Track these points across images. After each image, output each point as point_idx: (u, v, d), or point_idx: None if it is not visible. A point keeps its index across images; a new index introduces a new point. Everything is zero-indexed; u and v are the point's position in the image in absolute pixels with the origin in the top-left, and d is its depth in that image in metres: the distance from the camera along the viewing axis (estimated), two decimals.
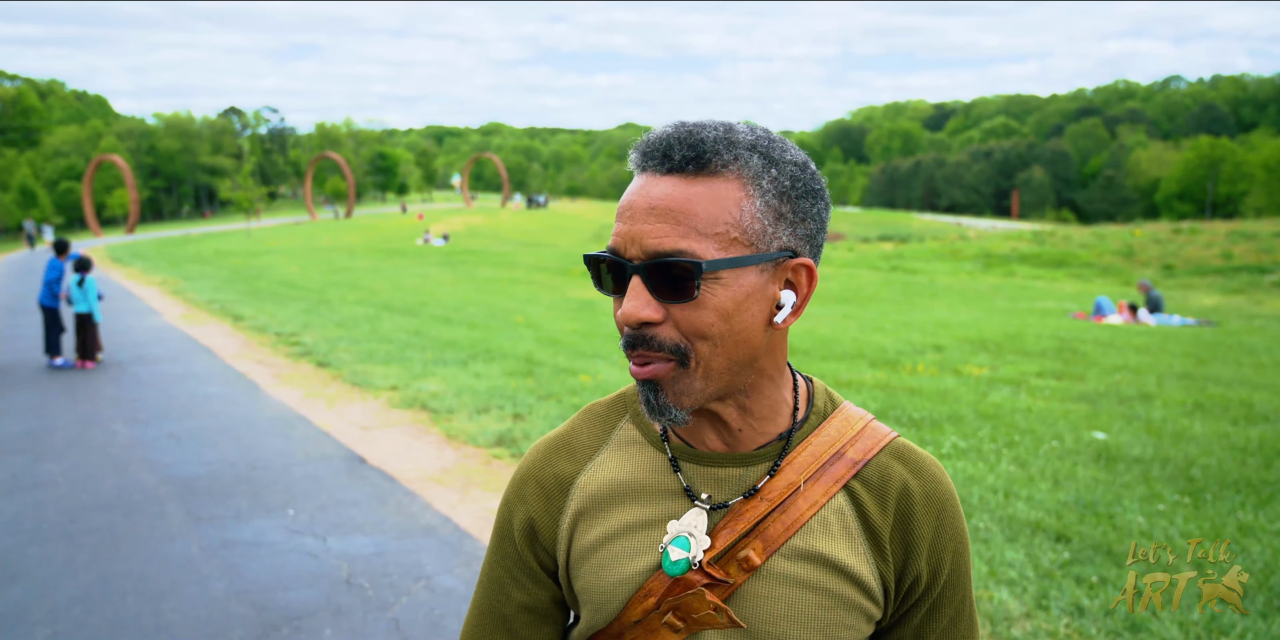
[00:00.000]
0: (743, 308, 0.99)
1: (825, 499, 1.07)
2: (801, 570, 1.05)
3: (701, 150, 0.97)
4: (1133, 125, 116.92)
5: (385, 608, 4.35)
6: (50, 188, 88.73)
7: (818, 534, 1.06)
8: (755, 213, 0.97)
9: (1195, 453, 6.43)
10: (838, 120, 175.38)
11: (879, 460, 1.10)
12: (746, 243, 0.97)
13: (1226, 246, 29.35)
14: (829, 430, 1.11)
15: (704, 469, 1.09)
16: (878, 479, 1.09)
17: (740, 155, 0.98)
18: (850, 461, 1.09)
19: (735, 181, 0.97)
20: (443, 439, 7.37)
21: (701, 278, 0.96)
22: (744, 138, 1.00)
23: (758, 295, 0.99)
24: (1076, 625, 3.83)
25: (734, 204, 0.97)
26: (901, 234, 50.14)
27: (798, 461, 1.08)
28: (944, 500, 1.10)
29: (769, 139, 1.01)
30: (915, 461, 1.12)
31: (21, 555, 5.08)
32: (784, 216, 0.99)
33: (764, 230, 0.98)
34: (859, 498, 1.08)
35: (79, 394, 9.65)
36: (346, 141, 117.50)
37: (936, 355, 11.07)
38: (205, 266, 28.30)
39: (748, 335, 1.00)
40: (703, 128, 1.00)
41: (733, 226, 0.97)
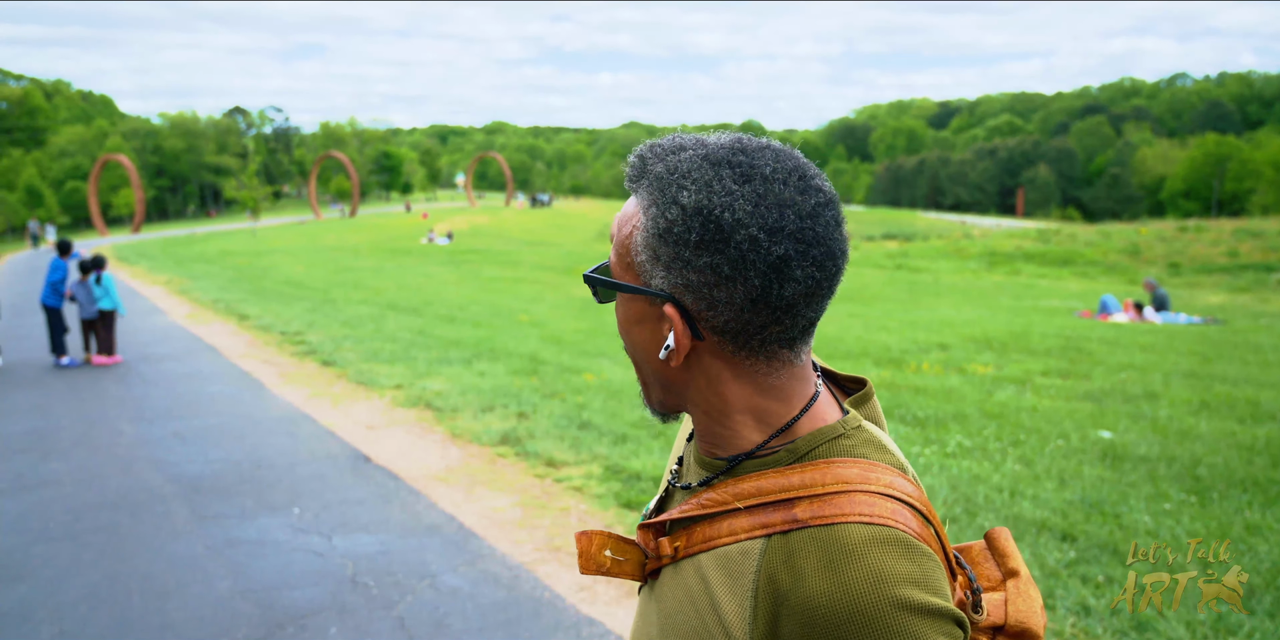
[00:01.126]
0: (633, 330, 1.02)
1: (744, 536, 0.97)
2: (696, 586, 1.00)
3: (629, 170, 1.01)
4: (1138, 123, 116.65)
5: (390, 606, 4.35)
6: (56, 187, 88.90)
7: (720, 564, 0.99)
8: (638, 245, 0.98)
9: (1201, 451, 6.41)
10: (842, 118, 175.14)
11: (816, 533, 0.91)
12: (636, 271, 0.99)
13: (1233, 244, 29.29)
14: (792, 476, 0.97)
15: (692, 453, 1.12)
16: (799, 547, 0.92)
17: (644, 185, 0.98)
18: (791, 517, 0.94)
19: (637, 208, 0.99)
20: (447, 438, 7.38)
21: (599, 287, 1.04)
22: (656, 168, 0.97)
23: (648, 325, 1.00)
24: (1082, 625, 3.82)
25: (631, 231, 0.99)
26: (906, 232, 50.07)
27: (740, 488, 1.00)
28: (853, 611, 0.86)
29: (677, 173, 0.95)
30: (844, 551, 0.89)
31: (27, 554, 5.09)
32: (659, 258, 0.96)
33: (642, 265, 0.98)
34: (772, 554, 0.93)
35: (84, 393, 9.67)
36: (351, 141, 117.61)
37: (941, 354, 11.05)
38: (210, 266, 28.34)
39: (646, 358, 1.03)
40: (652, 147, 1.01)
41: (626, 252, 1.00)
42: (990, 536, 1.09)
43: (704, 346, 0.98)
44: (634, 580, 1.11)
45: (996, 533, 1.09)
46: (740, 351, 0.98)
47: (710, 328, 0.96)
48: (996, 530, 1.09)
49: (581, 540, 1.09)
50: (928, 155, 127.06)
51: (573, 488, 5.99)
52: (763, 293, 0.93)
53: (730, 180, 0.94)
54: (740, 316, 0.95)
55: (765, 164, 0.95)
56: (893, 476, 0.97)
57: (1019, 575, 1.07)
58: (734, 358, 0.98)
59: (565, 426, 7.37)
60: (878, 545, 0.89)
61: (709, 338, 0.97)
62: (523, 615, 4.23)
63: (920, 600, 0.86)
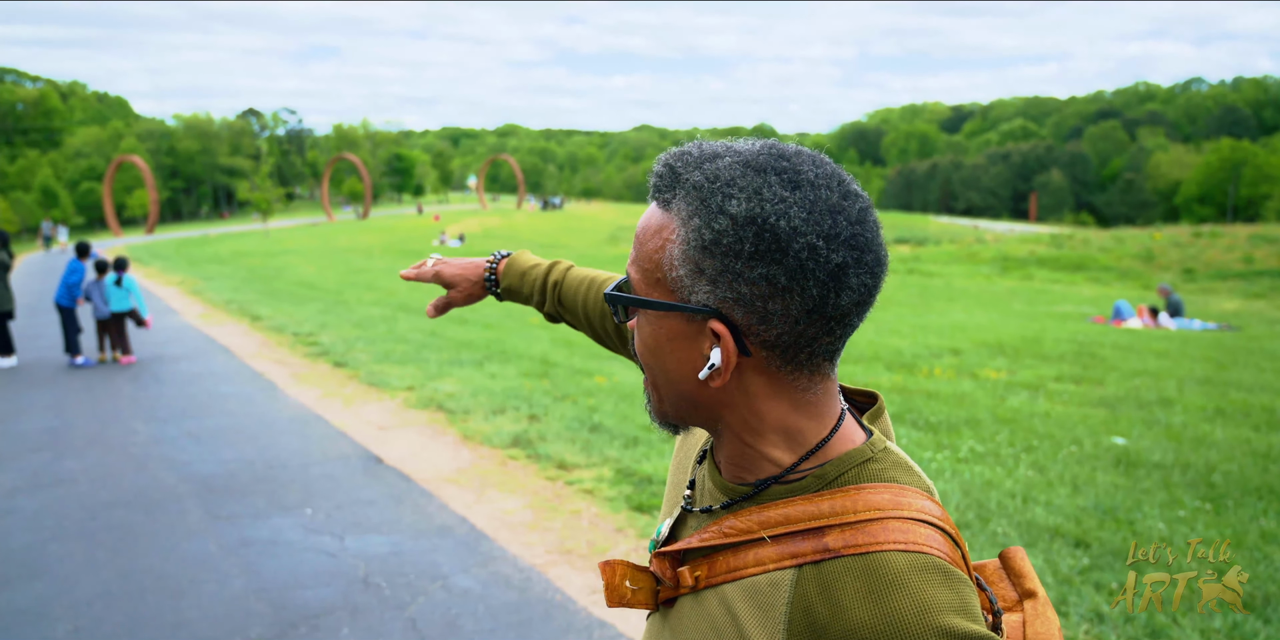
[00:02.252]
0: (664, 349, 0.95)
1: (773, 567, 0.94)
2: (721, 618, 0.97)
3: (655, 180, 0.96)
4: (1153, 128, 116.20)
5: (402, 607, 4.36)
6: (71, 188, 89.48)
7: (745, 596, 0.96)
8: (675, 259, 0.92)
9: (1216, 458, 6.38)
10: (854, 122, 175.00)
11: (852, 562, 0.89)
12: (669, 287, 0.93)
13: (1248, 250, 29.16)
14: (822, 503, 0.94)
15: (710, 475, 1.08)
16: (834, 577, 0.89)
17: (679, 194, 0.93)
18: (823, 547, 0.91)
19: (672, 221, 0.93)
20: (459, 439, 7.39)
21: (623, 308, 0.98)
22: (693, 177, 0.92)
23: (683, 343, 0.94)
24: (1096, 631, 3.80)
25: (662, 244, 0.93)
26: (918, 237, 49.95)
27: (766, 515, 0.97)
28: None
29: (720, 182, 0.91)
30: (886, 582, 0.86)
31: (42, 552, 5.12)
32: (704, 272, 0.90)
33: (680, 280, 0.92)
34: (804, 585, 0.91)
35: (99, 392, 9.72)
36: (363, 143, 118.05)
37: (954, 359, 11.03)
38: (223, 266, 28.46)
39: (675, 378, 0.96)
40: (681, 155, 0.95)
41: (656, 267, 0.94)
42: (1006, 556, 1.07)
43: (748, 363, 0.93)
44: (646, 608, 1.07)
45: (1012, 552, 1.06)
46: (787, 366, 0.94)
47: (760, 342, 0.92)
48: (1012, 550, 1.07)
49: (605, 571, 1.06)
50: (940, 159, 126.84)
51: (584, 490, 6.00)
52: (819, 303, 0.90)
53: (779, 186, 0.90)
54: (794, 329, 0.91)
55: (808, 169, 0.92)
56: (923, 501, 0.95)
57: (1036, 596, 1.04)
58: (779, 373, 0.94)
59: (576, 429, 7.38)
60: (918, 573, 0.87)
61: (757, 354, 0.93)
62: (534, 617, 4.23)
63: (964, 629, 0.85)
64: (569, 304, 1.55)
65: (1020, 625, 1.03)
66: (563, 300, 1.56)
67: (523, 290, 1.59)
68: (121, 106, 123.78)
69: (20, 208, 76.99)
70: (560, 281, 1.56)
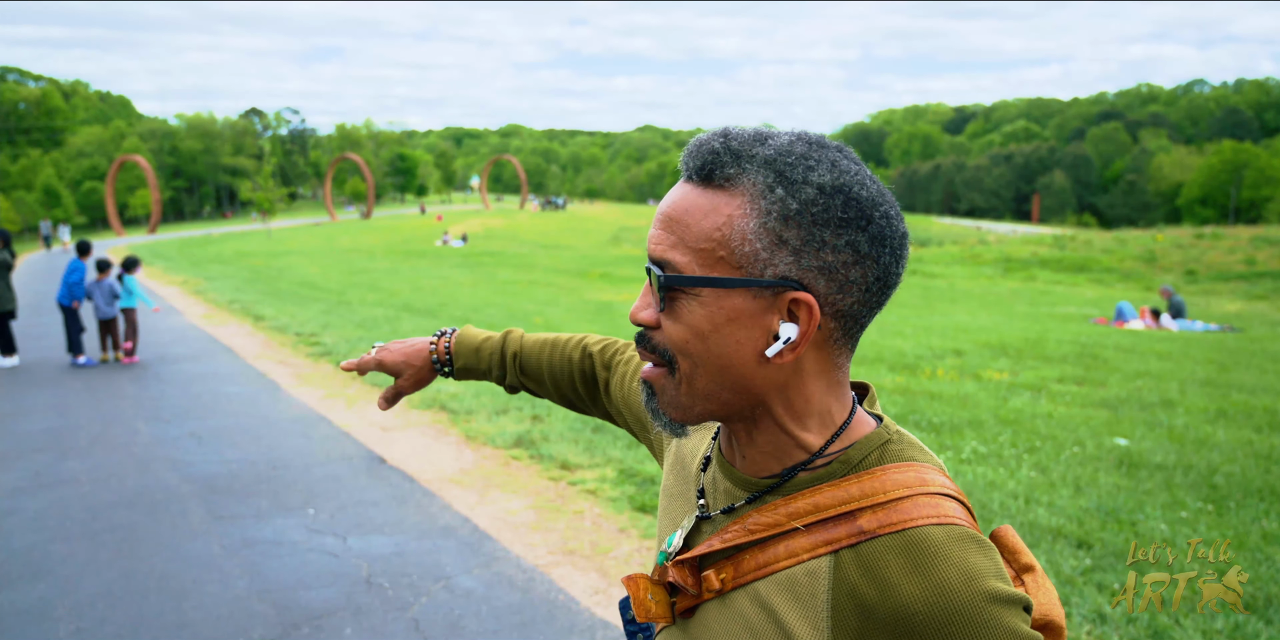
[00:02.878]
0: (722, 331, 0.93)
1: (807, 556, 0.95)
2: (756, 617, 0.97)
3: (706, 160, 0.94)
4: (1155, 129, 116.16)
5: (405, 608, 4.37)
6: (74, 188, 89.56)
7: (783, 589, 0.96)
8: (748, 234, 0.91)
9: (1218, 460, 6.38)
10: (857, 123, 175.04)
11: (890, 540, 0.91)
12: (735, 264, 0.92)
13: (1250, 252, 29.13)
14: (851, 487, 0.96)
15: (722, 477, 1.07)
16: (873, 557, 0.91)
17: (747, 170, 0.92)
18: (857, 529, 0.93)
19: (737, 197, 0.92)
20: (462, 440, 7.39)
21: (675, 291, 0.94)
22: (762, 152, 0.93)
23: (746, 322, 0.93)
24: (1099, 632, 3.80)
25: (726, 221, 0.92)
26: (921, 238, 49.96)
27: (795, 506, 0.97)
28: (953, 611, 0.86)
29: (794, 155, 0.92)
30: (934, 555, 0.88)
31: (45, 552, 5.12)
32: (786, 242, 0.91)
33: (755, 254, 0.91)
34: (842, 570, 0.92)
35: (101, 392, 9.73)
36: (366, 143, 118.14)
37: (956, 360, 11.02)
38: (226, 267, 28.48)
39: (730, 362, 0.94)
40: (727, 136, 0.95)
41: (720, 244, 0.92)
42: (996, 535, 1.08)
43: (818, 336, 0.95)
44: (664, 621, 1.06)
45: (1002, 531, 1.08)
46: (842, 340, 0.96)
47: (833, 313, 0.94)
48: (1002, 528, 1.08)
49: (630, 586, 1.06)
50: (943, 161, 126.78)
51: (587, 491, 6.00)
52: (885, 272, 0.94)
53: (849, 160, 0.94)
54: (864, 298, 0.94)
55: (850, 151, 0.97)
56: (942, 476, 0.98)
57: (1034, 570, 1.06)
58: (833, 348, 0.96)
59: (579, 429, 7.38)
60: (957, 543, 0.90)
61: (825, 325, 0.95)
62: (537, 618, 4.24)
63: (1007, 592, 0.88)
64: (532, 373, 1.53)
65: None
66: (525, 370, 1.53)
67: (479, 367, 1.55)
68: (124, 106, 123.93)
69: (23, 207, 77.05)
70: (519, 352, 1.53)
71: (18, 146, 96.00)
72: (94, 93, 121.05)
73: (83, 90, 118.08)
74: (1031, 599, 1.01)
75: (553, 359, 1.51)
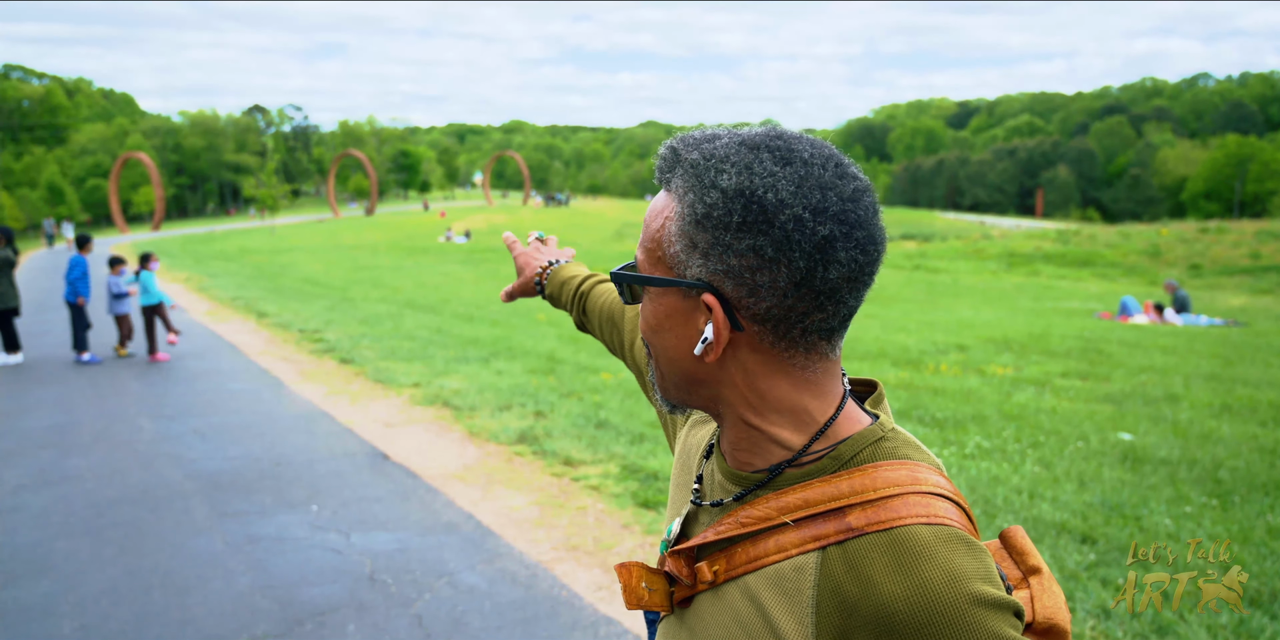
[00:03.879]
0: (664, 327, 0.99)
1: (795, 552, 0.95)
2: (745, 610, 0.98)
3: (660, 163, 0.99)
4: (1159, 123, 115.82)
5: (408, 604, 4.37)
6: (77, 185, 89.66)
7: (769, 583, 0.96)
8: (672, 236, 0.95)
9: (1223, 455, 6.37)
10: (860, 118, 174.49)
11: (877, 538, 0.90)
12: (668, 264, 0.96)
13: (1254, 246, 29.07)
14: (840, 484, 0.95)
15: (718, 469, 1.08)
16: (859, 555, 0.90)
17: (677, 173, 0.96)
18: (845, 526, 0.92)
19: (672, 201, 0.97)
20: (465, 436, 7.39)
21: (628, 284, 1.02)
22: (690, 155, 0.95)
23: (679, 319, 0.97)
24: (1103, 627, 3.80)
25: (663, 223, 0.97)
26: (925, 233, 49.89)
27: (785, 501, 0.97)
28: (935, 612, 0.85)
29: (714, 158, 0.94)
30: (914, 552, 0.88)
31: (49, 549, 5.13)
32: (696, 246, 0.93)
33: (676, 256, 0.95)
34: (829, 566, 0.92)
35: (105, 389, 9.74)
36: (369, 139, 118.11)
37: (960, 355, 11.01)
38: (229, 263, 28.51)
39: (674, 355, 0.99)
40: (682, 138, 0.99)
41: (658, 245, 0.97)
42: (1006, 535, 1.08)
43: (743, 338, 0.95)
44: (661, 610, 1.07)
45: (1012, 531, 1.07)
46: (780, 342, 0.95)
47: (751, 316, 0.93)
48: (1012, 529, 1.08)
49: (622, 573, 1.06)
50: (946, 155, 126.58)
51: (590, 487, 6.00)
52: (807, 275, 0.91)
53: (770, 162, 0.93)
54: (783, 302, 0.92)
55: (803, 149, 0.95)
56: (936, 476, 0.97)
57: (1041, 572, 1.05)
58: (773, 350, 0.95)
59: (582, 425, 7.38)
60: (944, 544, 0.89)
61: (749, 328, 0.94)
62: (540, 614, 4.24)
63: (993, 595, 0.86)
64: (590, 313, 1.63)
65: (1029, 600, 1.04)
66: (586, 310, 1.64)
67: (560, 298, 1.70)
68: (127, 103, 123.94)
69: (26, 204, 77.18)
70: (586, 293, 1.64)
71: (21, 144, 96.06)
72: (97, 90, 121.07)
73: (86, 88, 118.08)
74: (1025, 604, 1.01)
75: (604, 306, 1.59)
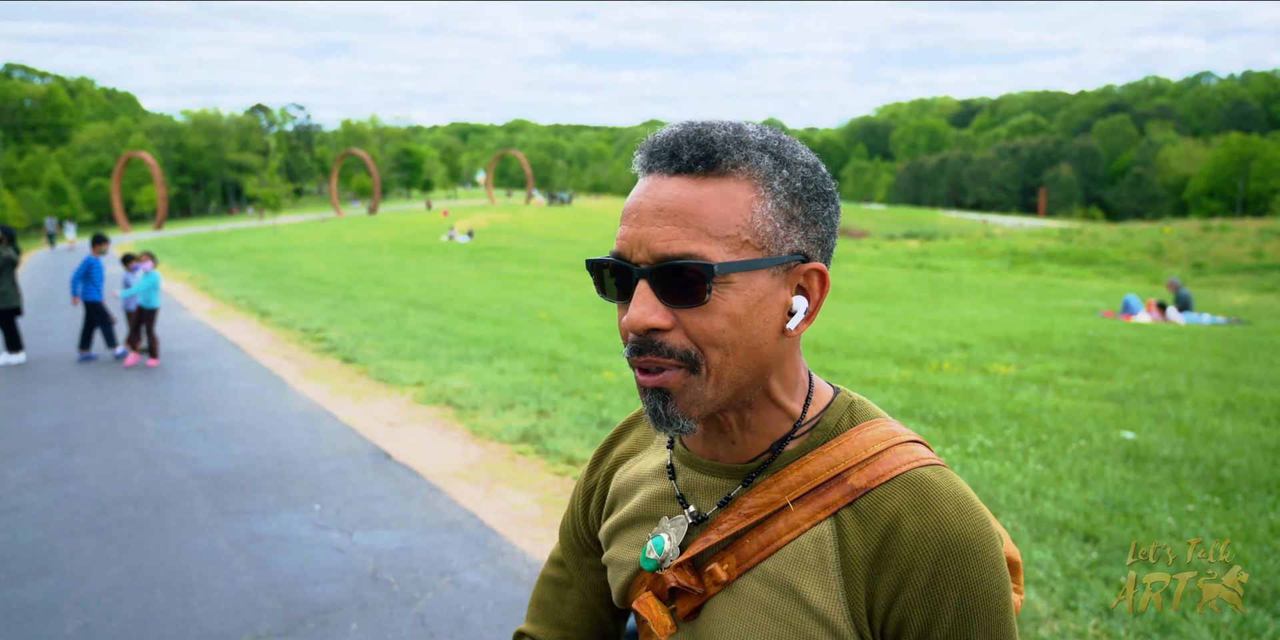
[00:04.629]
0: (754, 313, 0.95)
1: (808, 525, 0.98)
2: (769, 596, 0.99)
3: (711, 150, 0.94)
4: (1162, 122, 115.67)
5: (411, 603, 4.37)
6: (80, 184, 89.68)
7: (790, 562, 0.99)
8: (767, 215, 0.94)
9: (1226, 453, 6.36)
10: (863, 117, 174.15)
11: (883, 490, 0.97)
12: (758, 245, 0.94)
13: (1257, 244, 29.05)
14: (834, 452, 1.01)
15: (697, 475, 1.07)
16: (870, 509, 0.97)
17: (751, 155, 0.95)
18: (849, 488, 0.98)
19: (746, 182, 0.94)
20: (468, 435, 7.40)
21: (713, 281, 0.92)
22: (754, 137, 0.97)
23: (770, 300, 0.96)
24: (1105, 626, 3.79)
25: (745, 205, 0.93)
26: (927, 231, 49.88)
27: (786, 481, 1.01)
28: (948, 541, 0.94)
29: (779, 139, 0.98)
30: (925, 494, 0.96)
31: (52, 548, 5.14)
32: (795, 219, 0.96)
33: (775, 233, 0.94)
34: (844, 528, 0.97)
35: (108, 388, 9.75)
36: (372, 138, 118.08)
37: (963, 353, 11.00)
38: (232, 262, 28.52)
39: (759, 342, 0.96)
40: (712, 127, 0.97)
41: (744, 229, 0.93)
42: None
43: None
44: (670, 631, 1.06)
45: None
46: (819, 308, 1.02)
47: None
48: None
49: (644, 610, 1.07)
50: (949, 154, 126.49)
51: None
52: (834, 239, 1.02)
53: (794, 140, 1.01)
54: (829, 264, 1.02)
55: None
56: (901, 426, 1.06)
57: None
58: (812, 316, 1.01)
59: (585, 424, 7.38)
60: (944, 479, 0.99)
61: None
62: None
63: (992, 526, 0.98)
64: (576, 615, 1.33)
65: None
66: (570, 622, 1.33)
67: None
68: (129, 102, 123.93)
69: (29, 204, 77.19)
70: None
71: (24, 143, 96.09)
72: (100, 89, 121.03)
73: (88, 87, 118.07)
74: None
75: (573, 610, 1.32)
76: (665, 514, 1.10)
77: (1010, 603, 0.97)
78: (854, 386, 8.80)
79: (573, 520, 1.30)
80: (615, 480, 1.22)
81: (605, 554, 1.20)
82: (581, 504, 1.28)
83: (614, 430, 1.30)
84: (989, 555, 0.95)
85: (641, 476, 1.17)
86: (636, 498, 1.15)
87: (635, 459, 1.21)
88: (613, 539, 1.17)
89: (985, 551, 0.95)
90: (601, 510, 1.24)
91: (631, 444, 1.24)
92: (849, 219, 67.17)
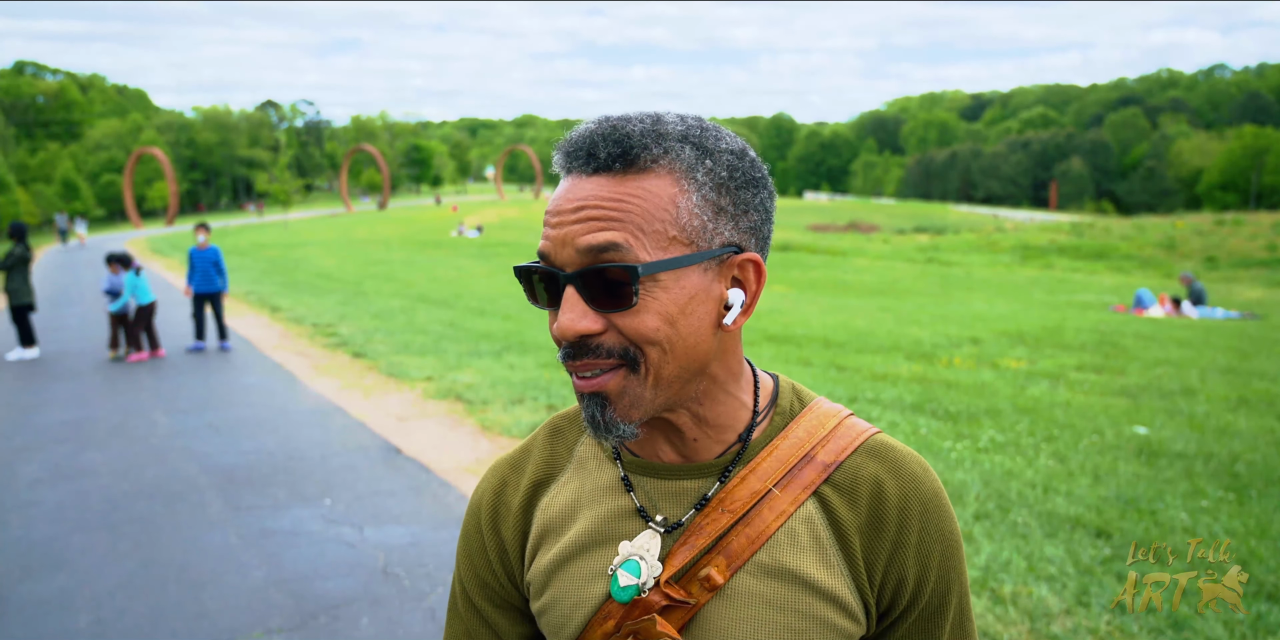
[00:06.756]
0: (687, 311, 0.91)
1: (793, 508, 0.98)
2: (769, 588, 0.97)
3: (629, 146, 0.91)
4: (1175, 115, 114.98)
5: (421, 597, 4.37)
6: (92, 181, 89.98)
7: (785, 547, 0.97)
8: (692, 208, 0.90)
9: (1239, 448, 6.33)
10: (873, 111, 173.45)
11: (852, 461, 1.01)
12: (686, 241, 0.90)
13: (1271, 238, 28.89)
14: (796, 432, 1.02)
15: (660, 483, 1.02)
16: (849, 481, 0.99)
17: (671, 148, 0.91)
18: (821, 465, 1.00)
19: (668, 177, 0.90)
20: (478, 430, 7.40)
21: (639, 282, 0.89)
22: (673, 129, 0.93)
23: (702, 296, 0.92)
24: (1118, 622, 3.78)
25: (669, 201, 0.90)
26: (938, 226, 49.72)
27: (762, 468, 0.99)
28: (925, 499, 0.99)
29: (701, 128, 0.94)
30: (892, 459, 1.01)
31: (65, 543, 5.16)
32: (724, 210, 0.92)
33: (703, 226, 0.91)
34: (829, 503, 0.99)
35: (120, 384, 9.79)
36: (382, 134, 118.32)
37: (974, 348, 10.97)
38: (243, 258, 28.58)
39: (696, 340, 0.93)
40: (628, 121, 0.93)
41: (670, 225, 0.90)
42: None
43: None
44: None
45: None
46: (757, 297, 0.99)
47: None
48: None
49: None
50: (959, 148, 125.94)
51: None
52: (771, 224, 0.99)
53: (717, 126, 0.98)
54: (766, 252, 0.99)
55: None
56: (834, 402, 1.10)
57: None
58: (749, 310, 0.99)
59: None
60: (897, 443, 1.04)
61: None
62: None
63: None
64: None
65: None
66: None
67: None
68: (141, 99, 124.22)
69: (41, 200, 77.48)
70: None
71: (36, 140, 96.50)
72: (111, 86, 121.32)
73: (100, 84, 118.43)
74: None
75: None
76: (623, 534, 1.03)
77: None
78: (865, 382, 8.79)
79: (497, 584, 1.13)
80: (541, 512, 1.09)
81: (540, 601, 1.07)
82: (498, 559, 1.11)
83: (497, 469, 1.15)
84: (950, 507, 1.03)
85: (579, 499, 1.07)
86: (580, 523, 1.05)
87: (556, 484, 1.10)
88: (553, 578, 1.05)
89: (948, 504, 1.02)
90: (523, 554, 1.10)
91: (540, 469, 1.12)
92: (860, 213, 66.97)
